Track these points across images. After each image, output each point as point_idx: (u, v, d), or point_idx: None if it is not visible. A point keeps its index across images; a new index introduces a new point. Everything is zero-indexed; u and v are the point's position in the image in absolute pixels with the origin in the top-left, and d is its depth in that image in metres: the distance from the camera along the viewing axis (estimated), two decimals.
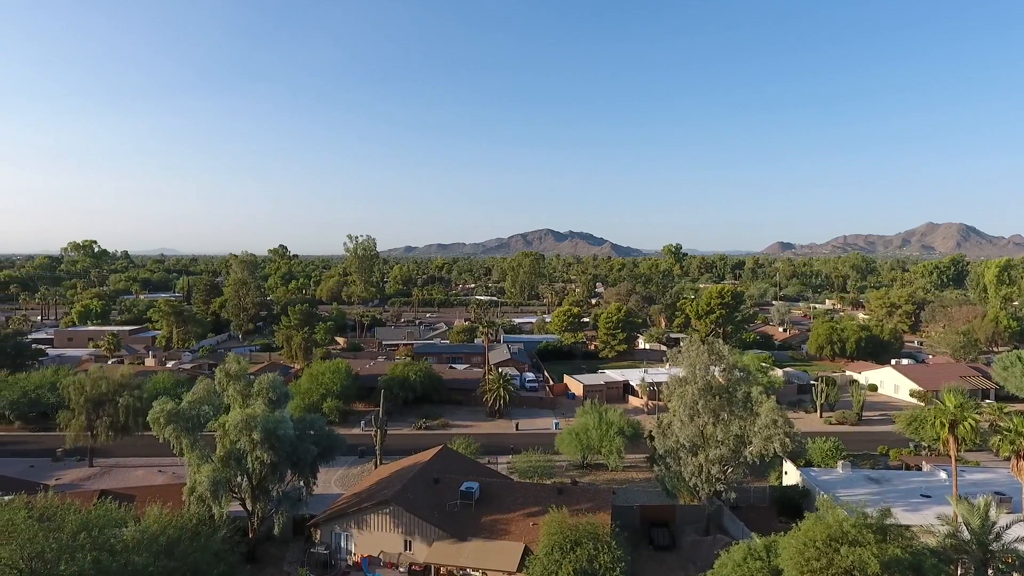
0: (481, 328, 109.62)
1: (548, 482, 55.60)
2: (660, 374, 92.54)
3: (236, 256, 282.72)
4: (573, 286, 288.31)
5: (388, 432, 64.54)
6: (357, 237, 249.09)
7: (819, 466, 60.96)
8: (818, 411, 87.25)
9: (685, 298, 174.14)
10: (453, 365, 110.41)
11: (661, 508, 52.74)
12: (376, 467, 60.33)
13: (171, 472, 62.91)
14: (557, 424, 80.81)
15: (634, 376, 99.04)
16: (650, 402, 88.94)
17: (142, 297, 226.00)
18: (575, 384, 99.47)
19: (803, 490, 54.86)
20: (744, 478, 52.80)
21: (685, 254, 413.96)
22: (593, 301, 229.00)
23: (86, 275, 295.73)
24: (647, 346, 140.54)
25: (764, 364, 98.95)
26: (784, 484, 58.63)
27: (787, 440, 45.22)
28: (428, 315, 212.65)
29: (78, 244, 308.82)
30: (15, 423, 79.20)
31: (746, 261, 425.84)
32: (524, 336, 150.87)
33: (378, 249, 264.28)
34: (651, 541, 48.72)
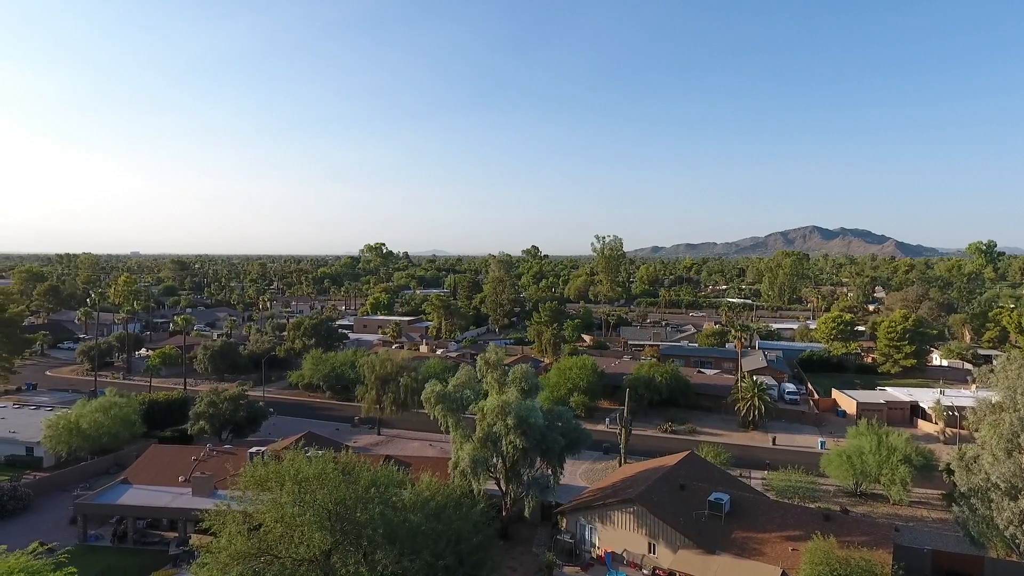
0: (733, 332, 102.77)
1: (812, 506, 49.65)
2: (963, 397, 77.19)
3: (494, 256, 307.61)
4: (845, 290, 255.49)
5: (632, 432, 63.99)
6: (604, 237, 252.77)
7: None
8: None
9: (1001, 307, 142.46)
10: (701, 369, 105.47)
11: (963, 558, 43.41)
12: (620, 465, 60.23)
13: (439, 447, 70.59)
14: (823, 443, 72.05)
15: (926, 397, 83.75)
16: (948, 429, 74.29)
17: (418, 292, 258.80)
18: (846, 400, 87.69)
19: None
20: None
21: (1001, 253, 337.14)
22: (871, 307, 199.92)
23: (377, 272, 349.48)
24: (944, 362, 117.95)
25: None
26: None
27: None
28: (674, 316, 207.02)
29: (371, 246, 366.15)
30: (326, 392, 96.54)
31: None
32: (783, 343, 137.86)
33: (624, 249, 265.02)
34: None
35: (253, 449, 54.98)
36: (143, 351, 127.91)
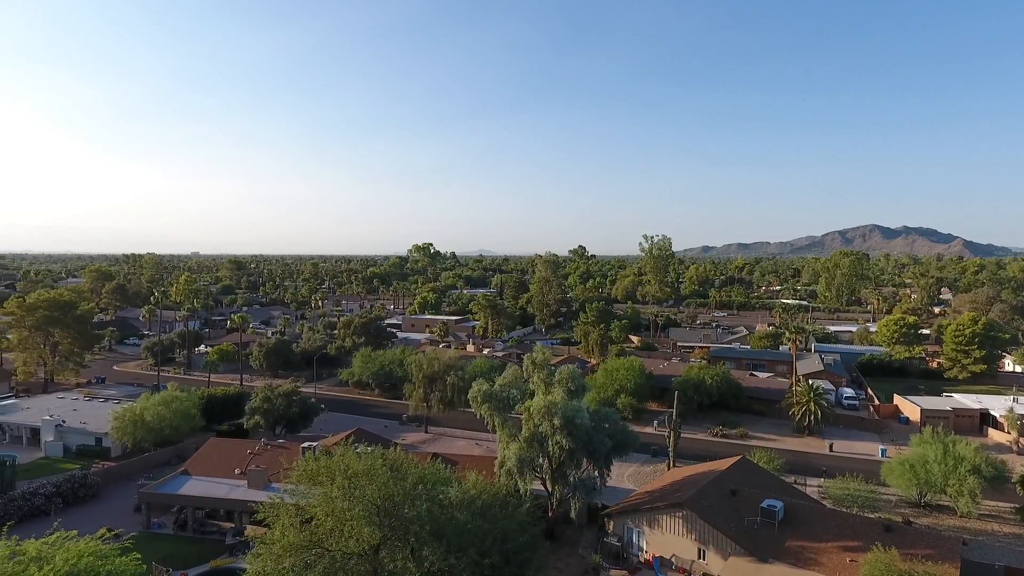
0: (788, 334, 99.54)
1: (871, 516, 47.62)
2: None
3: (540, 256, 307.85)
4: (908, 291, 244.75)
5: (681, 435, 62.77)
6: (652, 237, 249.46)
7: None
8: None
9: None
10: (754, 372, 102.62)
11: None
12: (669, 468, 59.19)
13: (485, 446, 70.83)
14: (884, 451, 69.09)
15: (997, 404, 79.32)
16: (1022, 439, 70.14)
17: (465, 292, 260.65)
18: (909, 407, 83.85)
19: None
20: None
21: None
22: (936, 310, 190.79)
23: (424, 272, 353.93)
24: (1017, 368, 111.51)
25: None
26: None
27: None
28: (725, 318, 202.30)
29: (419, 246, 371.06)
30: (375, 390, 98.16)
31: None
32: (841, 346, 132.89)
33: (673, 249, 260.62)
34: None
35: (305, 444, 56.34)
36: (202, 347, 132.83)
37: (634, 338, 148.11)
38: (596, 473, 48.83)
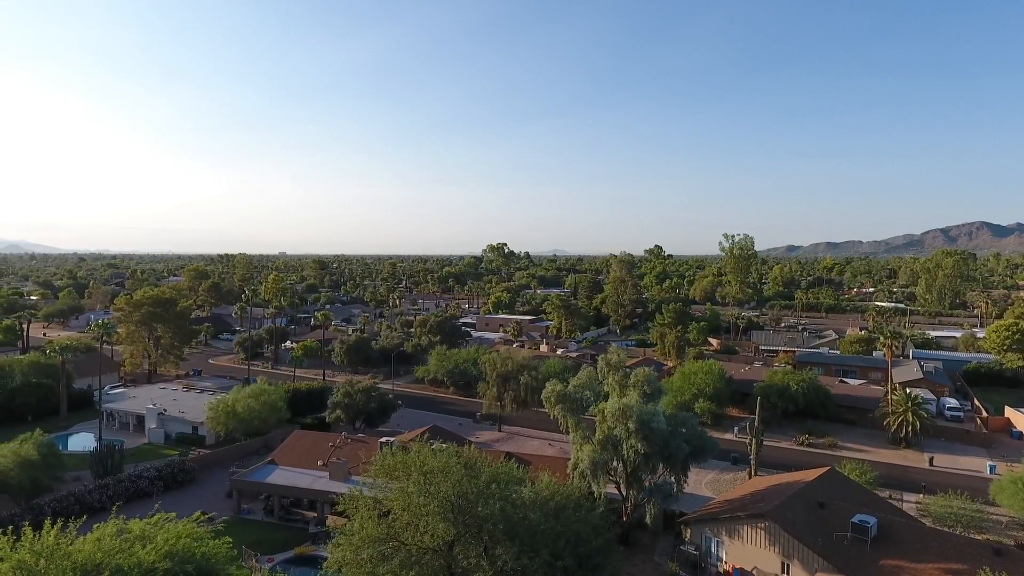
0: (883, 339, 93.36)
1: (978, 537, 43.84)
2: None
3: (615, 256, 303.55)
4: (1022, 294, 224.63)
5: (764, 443, 60.08)
6: (733, 236, 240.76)
7: None
8: None
9: None
10: (844, 379, 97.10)
11: None
12: (750, 477, 56.82)
13: (558, 447, 70.41)
14: (992, 467, 63.59)
15: None
16: None
17: (538, 292, 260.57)
18: (1023, 420, 76.78)
19: None
20: None
21: None
22: None
23: (499, 272, 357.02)
24: None
25: None
26: None
27: None
28: (812, 321, 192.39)
29: (493, 246, 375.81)
30: (450, 388, 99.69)
31: None
32: (943, 353, 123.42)
33: (756, 248, 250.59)
34: None
35: (383, 439, 57.88)
36: (288, 343, 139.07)
37: (713, 341, 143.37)
38: (672, 479, 47.57)
